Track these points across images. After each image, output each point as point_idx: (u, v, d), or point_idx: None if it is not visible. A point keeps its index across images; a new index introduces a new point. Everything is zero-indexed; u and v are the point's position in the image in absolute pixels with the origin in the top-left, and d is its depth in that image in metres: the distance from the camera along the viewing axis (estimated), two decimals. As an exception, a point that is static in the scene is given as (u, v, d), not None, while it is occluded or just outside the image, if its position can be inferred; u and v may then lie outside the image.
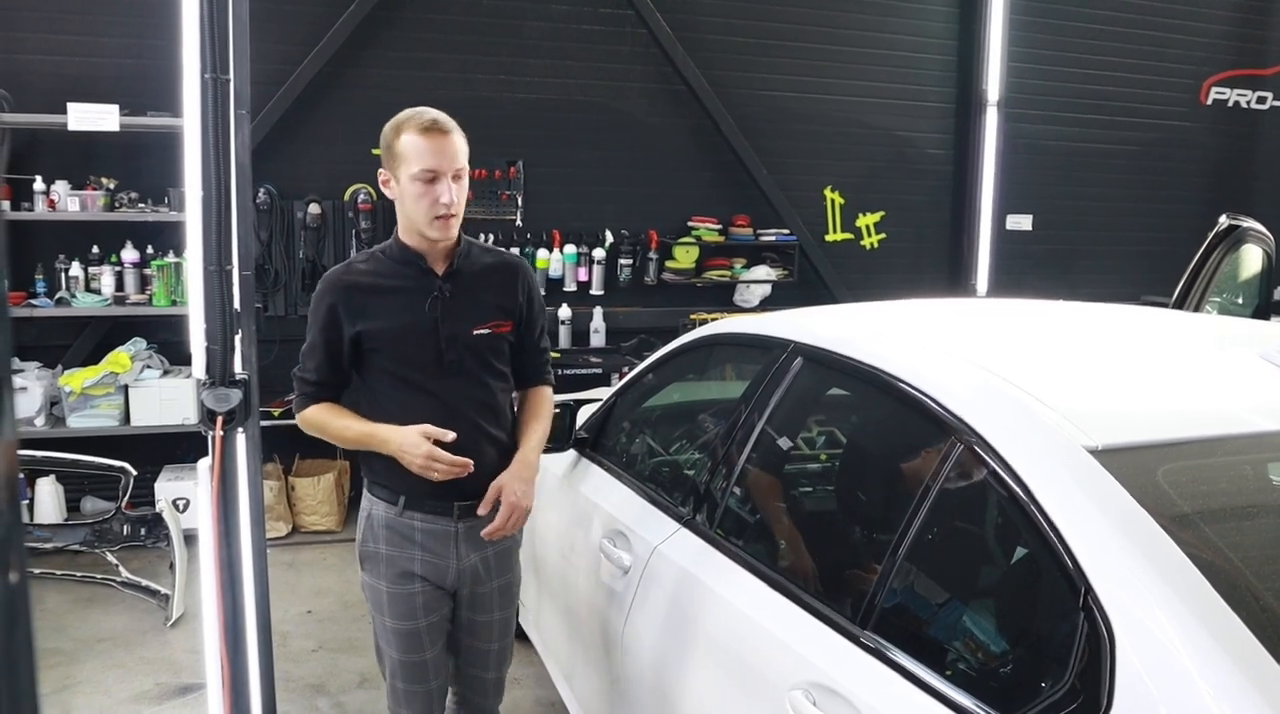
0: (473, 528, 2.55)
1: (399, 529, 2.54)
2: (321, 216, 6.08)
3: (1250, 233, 4.42)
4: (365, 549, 2.59)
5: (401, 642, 2.58)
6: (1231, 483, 1.92)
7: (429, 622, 2.58)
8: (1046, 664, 1.63)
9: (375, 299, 2.49)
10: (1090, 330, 2.69)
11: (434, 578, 2.57)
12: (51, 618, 4.70)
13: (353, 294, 2.48)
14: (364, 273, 2.52)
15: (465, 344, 2.52)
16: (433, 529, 2.54)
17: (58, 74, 5.61)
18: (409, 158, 2.41)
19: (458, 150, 2.45)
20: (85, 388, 5.46)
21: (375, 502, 2.58)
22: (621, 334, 6.81)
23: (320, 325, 2.50)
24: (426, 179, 2.40)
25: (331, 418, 2.52)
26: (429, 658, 2.61)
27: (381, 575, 2.56)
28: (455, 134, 2.46)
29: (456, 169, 2.44)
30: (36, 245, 5.68)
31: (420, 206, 2.42)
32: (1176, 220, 8.01)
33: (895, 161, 7.49)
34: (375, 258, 2.56)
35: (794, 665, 1.99)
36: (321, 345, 2.50)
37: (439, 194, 2.41)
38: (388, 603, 2.56)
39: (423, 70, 6.28)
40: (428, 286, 2.51)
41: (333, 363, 2.52)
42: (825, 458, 2.95)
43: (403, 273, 2.52)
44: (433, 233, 2.46)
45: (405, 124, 2.44)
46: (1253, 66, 8.24)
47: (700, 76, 6.69)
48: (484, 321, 2.55)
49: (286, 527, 5.90)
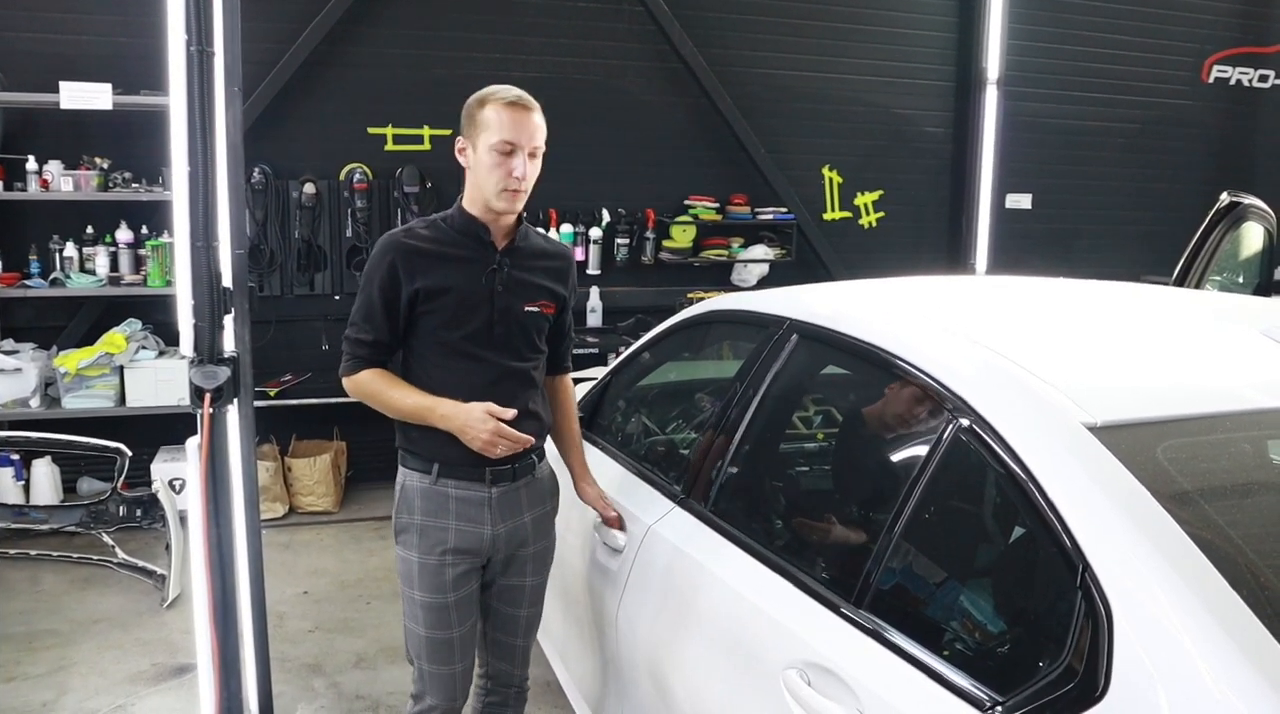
0: (505, 493, 2.59)
1: (434, 498, 2.56)
2: (317, 196, 6.05)
3: (1251, 210, 4.39)
4: (400, 521, 2.61)
5: (429, 616, 2.58)
6: (1231, 460, 1.90)
7: (458, 596, 2.59)
8: (1044, 643, 1.62)
9: (435, 263, 2.51)
10: (1089, 307, 2.67)
11: (469, 547, 2.57)
12: (48, 599, 4.70)
13: (413, 255, 2.51)
14: (425, 238, 2.55)
15: (516, 319, 2.57)
16: (467, 495, 2.55)
17: (50, 53, 5.56)
18: (490, 128, 2.46)
19: (537, 128, 2.50)
20: (80, 369, 5.44)
21: (409, 473, 2.60)
22: (618, 313, 6.79)
23: (380, 284, 2.50)
24: (504, 151, 2.45)
25: (386, 386, 2.54)
26: (455, 636, 2.61)
27: (414, 547, 2.57)
28: (537, 113, 2.51)
29: (534, 146, 2.50)
30: (30, 226, 5.66)
31: (493, 177, 2.47)
32: (1177, 199, 7.98)
33: (894, 140, 7.45)
34: (436, 225, 2.58)
35: (789, 644, 1.97)
36: (380, 304, 2.51)
37: (513, 167, 2.46)
38: (418, 574, 2.57)
39: (418, 48, 6.24)
40: (488, 259, 2.55)
41: (390, 322, 2.53)
42: (821, 436, 2.94)
43: (463, 242, 2.55)
44: (500, 204, 2.50)
45: (491, 97, 2.48)
46: (1255, 44, 8.19)
47: (697, 54, 6.64)
48: (534, 300, 2.61)
49: (283, 508, 5.89)
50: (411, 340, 2.58)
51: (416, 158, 6.26)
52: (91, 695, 3.85)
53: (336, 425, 6.27)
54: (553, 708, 3.75)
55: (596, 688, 2.93)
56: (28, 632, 4.35)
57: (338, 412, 5.99)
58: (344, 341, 2.58)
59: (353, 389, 2.58)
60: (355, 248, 6.18)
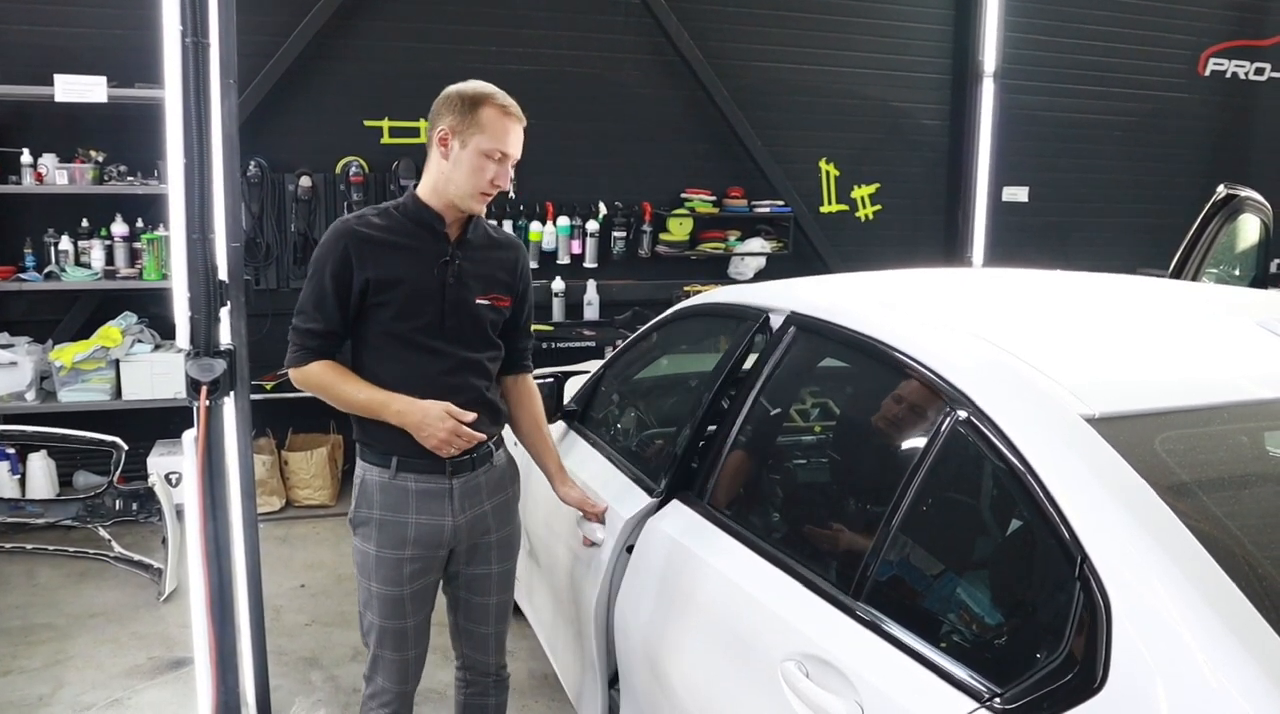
0: (466, 484, 2.58)
1: (393, 492, 2.54)
2: (313, 189, 6.05)
3: (1248, 202, 4.38)
4: (359, 515, 2.59)
5: (385, 607, 2.58)
6: (1229, 451, 1.90)
7: (414, 589, 2.59)
8: (1042, 635, 1.61)
9: (387, 253, 2.48)
10: (1086, 299, 2.66)
11: (429, 540, 2.57)
12: (44, 593, 4.70)
13: (365, 243, 2.48)
14: (377, 227, 2.52)
15: (468, 311, 2.55)
16: (427, 488, 2.54)
17: (44, 45, 5.55)
18: (488, 131, 2.46)
19: (521, 142, 2.55)
20: (76, 362, 5.43)
21: (368, 467, 2.58)
22: (615, 307, 6.78)
23: (332, 271, 2.45)
24: (494, 158, 2.46)
25: (338, 379, 2.49)
26: (410, 625, 2.62)
27: (373, 540, 2.56)
28: (523, 125, 2.55)
29: (516, 158, 2.54)
30: (25, 219, 5.64)
31: (475, 179, 2.47)
32: (1173, 192, 7.99)
33: (891, 133, 7.44)
34: (389, 213, 2.55)
35: (787, 637, 1.97)
36: (332, 292, 2.46)
37: (497, 176, 2.48)
38: (375, 567, 2.57)
39: (414, 41, 6.23)
40: (440, 250, 2.53)
41: (341, 312, 2.48)
42: (819, 429, 2.93)
43: (417, 233, 2.53)
44: (472, 205, 2.52)
45: (487, 98, 2.48)
46: (1251, 37, 8.19)
47: (694, 47, 6.63)
48: (486, 293, 2.59)
49: (280, 501, 5.88)
50: (361, 331, 2.54)
51: (413, 150, 6.24)
52: (88, 689, 3.85)
53: (333, 419, 6.26)
54: (550, 701, 3.75)
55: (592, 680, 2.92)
56: (24, 626, 4.35)
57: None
58: (291, 332, 2.51)
59: (301, 381, 2.52)
60: (351, 241, 6.16)
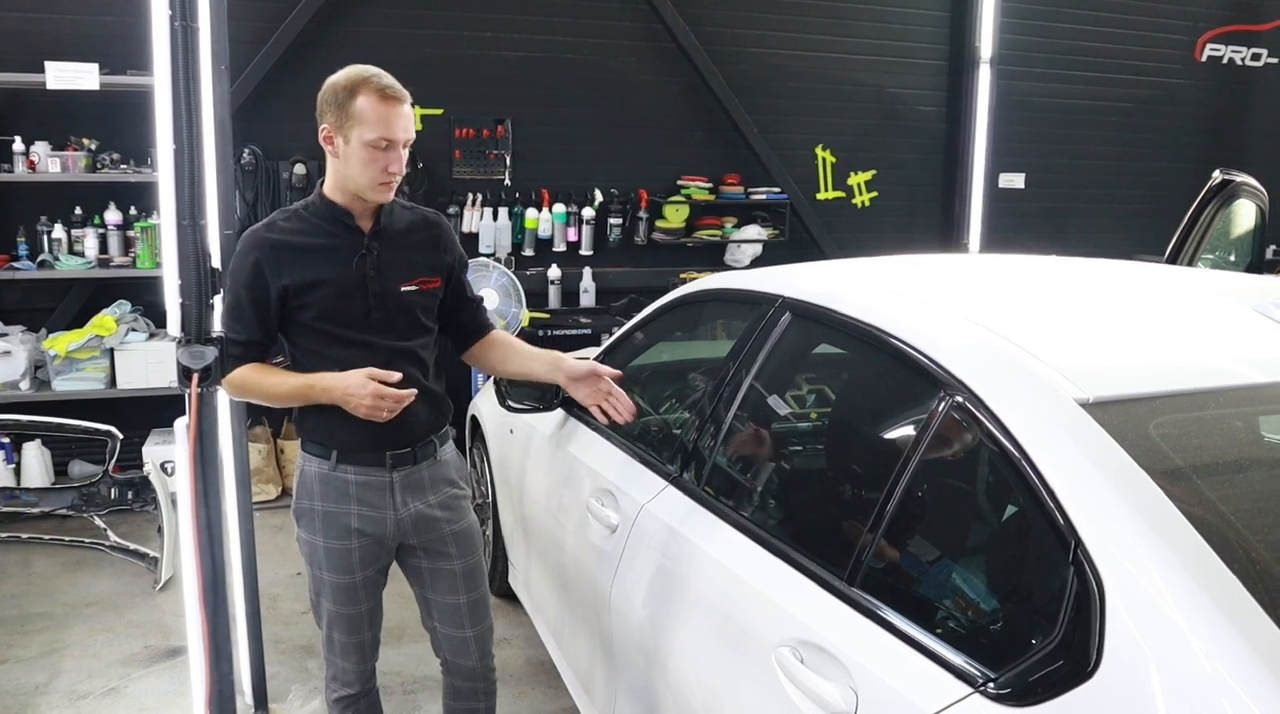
0: (407, 477, 2.57)
1: (334, 484, 2.54)
2: (307, 177, 6.01)
3: (1244, 188, 4.38)
4: (300, 506, 2.60)
5: (339, 594, 2.59)
6: (1223, 436, 1.89)
7: (365, 575, 2.60)
8: (1036, 619, 1.61)
9: (302, 257, 2.46)
10: (1081, 284, 2.66)
11: (372, 531, 2.57)
12: (39, 582, 4.69)
13: (278, 251, 2.45)
14: (288, 231, 2.49)
15: (395, 301, 2.53)
16: (367, 481, 2.54)
17: (35, 32, 5.52)
18: (366, 122, 2.39)
19: (410, 120, 2.46)
20: (70, 351, 5.41)
21: (308, 459, 2.58)
22: (611, 294, 6.77)
23: (245, 283, 2.45)
24: (380, 147, 2.40)
25: (262, 376, 2.49)
26: (364, 610, 2.64)
27: (318, 531, 2.56)
28: (408, 102, 2.47)
29: (407, 138, 2.45)
30: (17, 207, 5.62)
31: (368, 172, 2.42)
32: (1170, 178, 7.98)
33: (887, 119, 7.43)
34: (298, 216, 2.52)
35: (782, 622, 1.97)
36: (249, 303, 2.46)
37: (389, 163, 2.42)
38: (325, 558, 2.57)
39: (409, 28, 6.19)
40: (355, 244, 2.50)
41: (261, 321, 2.48)
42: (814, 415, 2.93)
43: (329, 230, 2.50)
44: (375, 196, 2.46)
45: (361, 85, 2.41)
46: (1248, 22, 8.17)
47: (690, 33, 6.61)
48: (411, 278, 2.56)
49: (276, 489, 5.88)
50: (290, 333, 2.53)
51: (407, 138, 6.22)
52: (84, 678, 3.85)
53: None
54: (546, 688, 3.76)
55: (590, 667, 2.92)
56: (19, 615, 4.35)
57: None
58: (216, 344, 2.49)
59: (229, 387, 2.50)
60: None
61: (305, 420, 2.56)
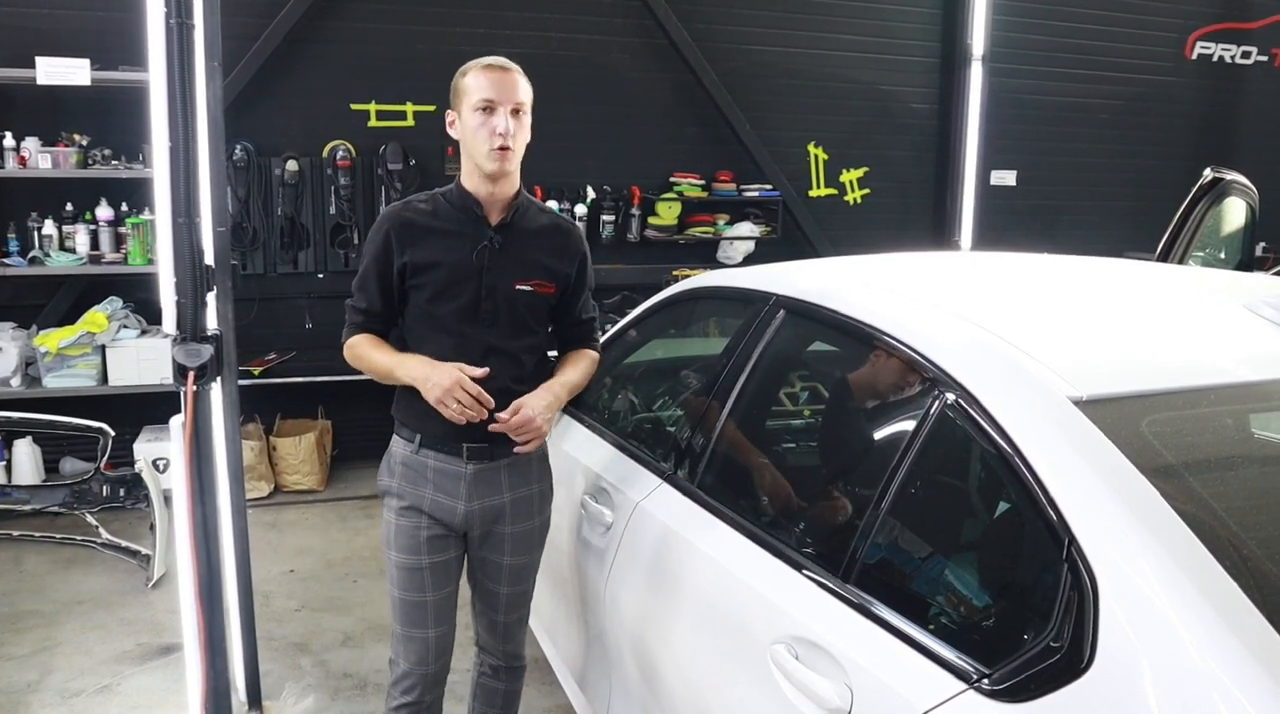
0: (482, 471, 2.58)
1: (413, 466, 2.59)
2: (300, 173, 6.02)
3: (1234, 185, 4.40)
4: (383, 483, 2.66)
5: (403, 577, 2.61)
6: (1215, 433, 1.91)
7: (433, 561, 2.60)
8: (1030, 616, 1.62)
9: (428, 236, 2.53)
10: (1074, 283, 2.67)
11: (443, 517, 2.59)
12: (31, 580, 4.68)
13: (408, 228, 2.53)
14: (421, 212, 2.57)
15: (505, 297, 2.55)
16: (444, 468, 2.57)
17: (26, 26, 5.50)
18: (470, 92, 2.48)
19: (516, 85, 2.50)
20: (61, 348, 5.40)
21: (397, 440, 2.65)
22: (604, 291, 6.76)
23: (374, 254, 2.55)
24: (485, 108, 2.46)
25: (369, 348, 2.59)
26: (429, 600, 2.61)
27: (394, 508, 2.62)
28: (516, 72, 2.52)
29: (516, 102, 2.48)
30: (8, 203, 5.60)
31: (479, 137, 2.47)
32: (1160, 175, 8.01)
33: (879, 117, 7.44)
34: (435, 199, 2.60)
35: (776, 619, 1.98)
36: (374, 275, 2.56)
37: (495, 124, 2.45)
38: (394, 535, 2.61)
39: (401, 24, 6.18)
40: (479, 234, 2.54)
41: (383, 293, 2.57)
42: (808, 413, 2.94)
43: (457, 217, 2.56)
44: (490, 165, 2.48)
45: (471, 66, 2.53)
46: (1238, 20, 8.19)
47: (682, 30, 6.61)
48: (528, 278, 2.58)
49: (268, 487, 5.87)
50: (405, 313, 2.61)
51: (400, 134, 6.22)
52: (76, 676, 3.84)
53: (321, 404, 6.25)
54: (541, 684, 3.76)
55: (585, 665, 2.93)
56: (11, 612, 4.34)
57: (323, 390, 5.98)
58: (346, 309, 2.64)
59: (346, 354, 2.63)
60: (339, 226, 6.16)
61: (399, 404, 2.63)
